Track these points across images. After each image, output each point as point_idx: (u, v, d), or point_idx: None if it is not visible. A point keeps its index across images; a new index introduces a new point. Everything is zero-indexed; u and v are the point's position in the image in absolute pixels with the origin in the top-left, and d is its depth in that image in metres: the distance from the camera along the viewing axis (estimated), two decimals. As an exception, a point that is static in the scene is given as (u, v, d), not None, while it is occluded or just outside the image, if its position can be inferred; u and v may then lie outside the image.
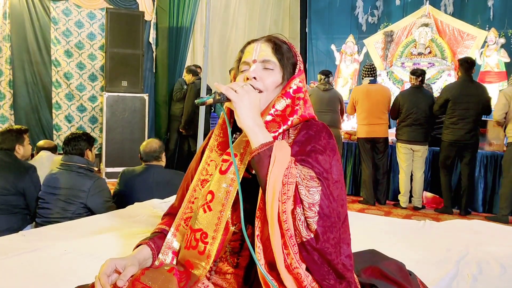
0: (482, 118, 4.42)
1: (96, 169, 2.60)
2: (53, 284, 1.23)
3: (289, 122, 1.00)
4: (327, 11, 8.49)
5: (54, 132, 5.98)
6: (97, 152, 5.88)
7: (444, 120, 4.39)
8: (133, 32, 5.60)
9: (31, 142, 2.96)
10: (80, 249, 1.52)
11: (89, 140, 2.52)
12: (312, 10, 8.59)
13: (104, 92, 5.51)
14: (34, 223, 2.47)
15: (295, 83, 1.03)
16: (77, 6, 6.08)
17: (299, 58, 1.09)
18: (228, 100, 0.93)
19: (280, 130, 1.00)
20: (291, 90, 1.02)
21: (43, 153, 3.16)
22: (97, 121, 6.33)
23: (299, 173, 0.87)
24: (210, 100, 0.93)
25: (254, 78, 1.01)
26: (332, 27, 8.44)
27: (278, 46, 1.05)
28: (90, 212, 2.39)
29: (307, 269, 0.86)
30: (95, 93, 6.28)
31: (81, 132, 2.56)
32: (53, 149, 3.29)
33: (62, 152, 2.60)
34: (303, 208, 0.84)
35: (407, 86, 6.84)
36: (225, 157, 1.01)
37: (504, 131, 4.20)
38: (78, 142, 2.45)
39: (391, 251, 1.36)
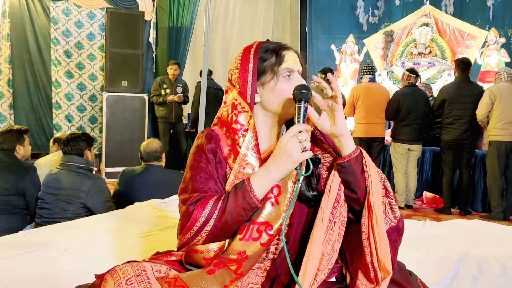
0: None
1: (95, 169, 2.60)
2: (53, 284, 1.22)
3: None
4: (328, 11, 8.49)
5: (54, 132, 5.98)
6: (97, 152, 5.89)
7: (441, 120, 4.40)
8: (133, 32, 5.60)
9: (31, 142, 2.96)
10: (80, 249, 1.52)
11: (88, 140, 2.52)
12: (312, 10, 8.58)
13: (104, 92, 5.51)
14: (34, 223, 2.47)
15: None
16: (77, 6, 6.08)
17: None
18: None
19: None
20: None
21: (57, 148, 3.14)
22: (97, 121, 6.33)
23: (378, 170, 1.01)
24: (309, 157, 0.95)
25: None
26: (332, 27, 8.44)
27: (299, 56, 1.09)
28: (90, 212, 2.39)
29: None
30: (95, 93, 6.28)
31: (80, 132, 2.56)
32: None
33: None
34: (388, 198, 1.00)
35: (407, 86, 6.85)
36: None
37: (487, 129, 4.23)
38: (78, 142, 2.45)
39: (391, 251, 1.36)
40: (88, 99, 6.26)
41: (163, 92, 5.63)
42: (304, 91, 0.94)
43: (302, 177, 0.96)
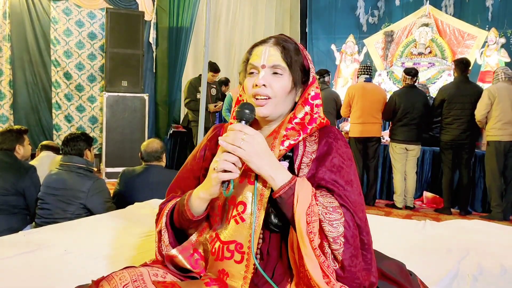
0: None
1: (95, 169, 2.59)
2: (53, 284, 1.22)
3: (308, 131, 1.01)
4: (328, 11, 8.50)
5: (54, 132, 5.99)
6: (97, 152, 5.89)
7: (440, 120, 4.40)
8: (133, 32, 5.61)
9: (31, 142, 2.96)
10: (80, 249, 1.52)
11: (88, 140, 2.52)
12: (312, 10, 8.59)
13: (104, 92, 5.52)
14: (34, 223, 2.47)
15: (312, 90, 1.04)
16: (77, 6, 6.08)
17: (310, 60, 1.07)
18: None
19: (300, 138, 1.01)
20: (309, 97, 1.03)
21: (44, 153, 3.16)
22: (97, 121, 6.33)
23: (321, 209, 0.90)
24: (236, 178, 0.92)
25: (264, 85, 1.00)
26: (333, 27, 8.45)
27: (287, 50, 1.02)
28: (90, 212, 2.38)
29: None
30: (94, 93, 6.29)
31: (80, 132, 2.56)
32: (56, 150, 3.28)
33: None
34: (328, 243, 0.88)
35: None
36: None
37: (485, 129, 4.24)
38: (77, 142, 2.45)
39: (391, 251, 1.36)
40: (88, 99, 6.26)
41: (198, 96, 5.20)
42: (245, 110, 0.95)
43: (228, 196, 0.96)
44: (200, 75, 4.99)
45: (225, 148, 0.90)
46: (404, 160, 4.52)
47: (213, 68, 5.30)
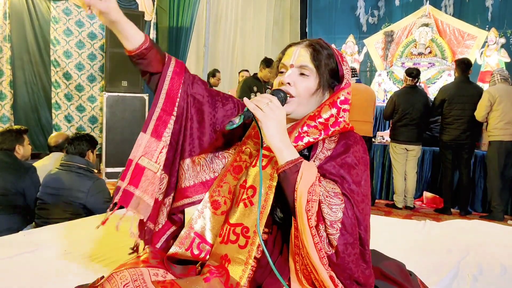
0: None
1: (96, 171, 2.60)
2: (53, 284, 1.22)
3: (330, 132, 1.02)
4: (328, 11, 8.50)
5: (54, 132, 5.98)
6: (97, 152, 5.88)
7: (440, 120, 4.41)
8: (133, 32, 5.59)
9: (31, 142, 2.95)
10: (80, 249, 1.52)
11: (92, 142, 2.54)
12: (312, 10, 8.59)
13: (104, 92, 5.51)
14: (34, 223, 2.47)
15: (343, 94, 1.04)
16: (77, 6, 6.09)
17: (346, 67, 1.07)
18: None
19: (320, 138, 1.01)
20: (338, 101, 1.03)
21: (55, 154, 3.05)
22: (97, 121, 6.33)
23: (323, 190, 0.89)
24: (240, 122, 0.94)
25: (288, 83, 1.02)
26: (333, 27, 8.44)
27: (317, 52, 1.04)
28: (90, 212, 2.38)
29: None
30: (94, 93, 6.29)
31: (85, 133, 2.57)
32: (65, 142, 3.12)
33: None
34: (325, 225, 0.87)
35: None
36: (265, 152, 1.01)
37: (486, 130, 4.25)
38: (81, 142, 2.46)
39: (391, 251, 1.36)
40: (88, 99, 6.26)
41: (253, 97, 4.84)
42: (281, 92, 1.00)
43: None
44: (256, 74, 4.72)
45: (247, 105, 0.94)
46: (404, 161, 4.52)
47: (269, 63, 4.58)
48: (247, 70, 6.16)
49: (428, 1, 7.10)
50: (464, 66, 4.31)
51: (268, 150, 1.01)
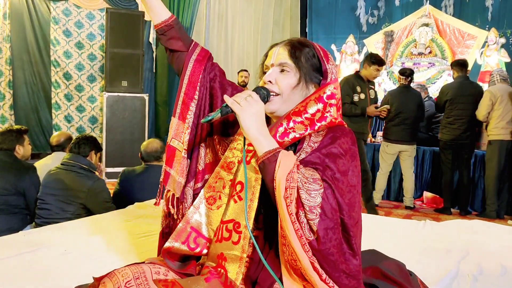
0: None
1: (97, 173, 2.60)
2: (53, 284, 1.22)
3: (316, 127, 1.02)
4: (328, 11, 8.49)
5: (54, 132, 5.99)
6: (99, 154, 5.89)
7: (441, 119, 4.40)
8: (133, 32, 5.60)
9: (31, 142, 2.96)
10: (80, 249, 1.52)
11: (96, 144, 2.57)
12: (312, 10, 8.59)
13: (104, 92, 5.51)
14: (34, 223, 2.47)
15: (329, 89, 1.04)
16: (77, 7, 6.09)
17: (331, 63, 1.08)
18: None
19: (306, 133, 1.02)
20: (324, 96, 1.04)
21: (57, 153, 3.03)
22: (97, 121, 6.34)
23: (300, 177, 0.89)
24: (218, 116, 0.98)
25: (270, 81, 1.05)
26: (333, 27, 8.44)
27: (295, 48, 1.06)
28: (90, 212, 2.38)
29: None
30: (94, 93, 6.29)
31: (89, 135, 2.59)
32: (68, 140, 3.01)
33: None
34: (304, 211, 0.87)
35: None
36: (250, 148, 1.04)
37: (486, 129, 4.26)
38: (86, 143, 2.48)
39: (391, 251, 1.36)
40: (87, 100, 6.27)
41: (356, 98, 3.97)
42: (262, 89, 1.04)
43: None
44: (358, 71, 4.17)
45: (226, 101, 0.97)
46: (392, 161, 4.51)
47: (378, 60, 4.02)
48: (246, 70, 6.17)
49: (428, 1, 7.10)
50: (461, 66, 4.32)
51: (252, 145, 1.02)
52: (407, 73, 4.49)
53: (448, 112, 4.29)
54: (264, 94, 1.03)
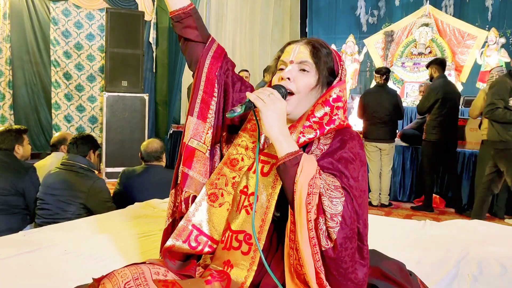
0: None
1: (97, 172, 2.60)
2: (53, 284, 1.22)
3: (325, 131, 1.02)
4: (328, 11, 8.50)
5: (54, 132, 5.99)
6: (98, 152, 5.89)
7: (429, 119, 4.32)
8: (133, 32, 5.60)
9: (31, 142, 2.96)
10: (80, 249, 1.52)
11: (94, 143, 2.56)
12: (312, 10, 8.59)
13: (104, 92, 5.51)
14: (34, 223, 2.47)
15: (335, 92, 1.04)
16: (76, 7, 6.09)
17: (343, 67, 1.08)
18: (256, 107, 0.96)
19: (315, 137, 1.01)
20: (331, 99, 1.03)
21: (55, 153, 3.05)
22: (97, 121, 6.34)
23: (323, 183, 0.89)
24: (241, 111, 0.95)
25: (288, 78, 1.03)
26: (333, 27, 8.45)
27: (316, 49, 1.05)
28: (90, 212, 2.38)
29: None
30: (94, 93, 6.29)
31: (87, 134, 2.58)
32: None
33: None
34: (325, 218, 0.86)
35: (408, 85, 6.86)
36: (265, 158, 1.03)
37: (479, 128, 4.25)
38: (84, 143, 2.47)
39: (391, 251, 1.36)
40: (87, 100, 6.27)
41: None
42: (282, 87, 1.01)
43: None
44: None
45: (248, 96, 0.95)
46: (378, 158, 4.53)
47: (443, 64, 4.41)
48: (246, 70, 6.17)
49: (428, 1, 7.10)
50: (441, 65, 4.34)
51: (268, 156, 1.02)
52: (382, 72, 4.49)
53: (438, 112, 4.19)
54: (284, 93, 1.01)
